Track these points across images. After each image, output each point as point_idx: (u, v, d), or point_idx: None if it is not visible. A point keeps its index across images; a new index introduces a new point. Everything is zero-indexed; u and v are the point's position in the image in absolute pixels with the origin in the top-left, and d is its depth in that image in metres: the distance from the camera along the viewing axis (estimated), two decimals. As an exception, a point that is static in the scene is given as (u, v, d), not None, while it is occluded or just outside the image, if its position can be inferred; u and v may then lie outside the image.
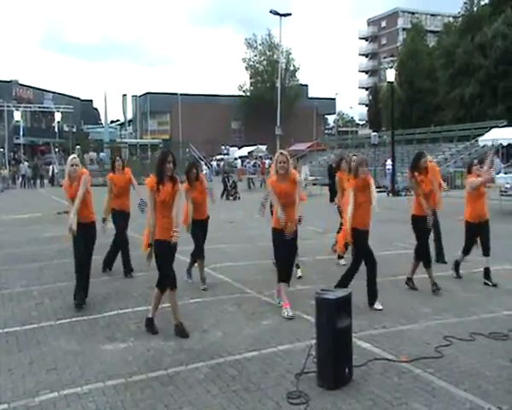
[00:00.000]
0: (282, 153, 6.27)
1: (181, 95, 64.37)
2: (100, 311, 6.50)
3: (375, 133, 33.56)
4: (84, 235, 6.54)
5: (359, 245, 6.56)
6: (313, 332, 5.51)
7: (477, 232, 7.79)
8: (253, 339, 5.40)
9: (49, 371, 4.71)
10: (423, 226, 7.16)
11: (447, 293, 7.26)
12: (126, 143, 54.15)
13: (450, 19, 56.77)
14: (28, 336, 5.70)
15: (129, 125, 69.24)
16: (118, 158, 8.58)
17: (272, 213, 6.75)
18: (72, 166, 6.62)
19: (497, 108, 40.57)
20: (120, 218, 8.39)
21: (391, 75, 23.73)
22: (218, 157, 52.34)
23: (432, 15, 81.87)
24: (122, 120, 66.38)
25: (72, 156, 6.86)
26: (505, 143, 19.21)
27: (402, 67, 50.12)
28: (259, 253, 10.02)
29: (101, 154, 48.05)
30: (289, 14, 35.29)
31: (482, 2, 46.68)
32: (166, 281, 5.62)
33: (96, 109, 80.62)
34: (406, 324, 5.86)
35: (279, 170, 6.14)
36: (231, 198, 24.55)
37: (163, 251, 5.55)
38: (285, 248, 6.21)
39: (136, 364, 4.83)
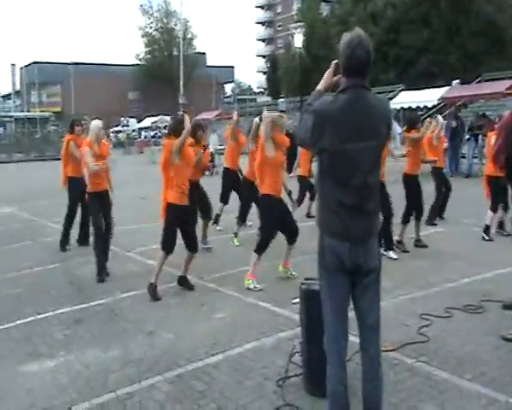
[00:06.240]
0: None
1: (73, 64, 60.09)
2: (11, 318, 5.24)
3: (282, 100, 33.31)
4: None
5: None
6: (278, 324, 4.88)
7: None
8: (211, 338, 4.55)
9: (-43, 411, 3.60)
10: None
11: (397, 262, 6.93)
12: (12, 116, 49.81)
13: (344, -13, 57.72)
14: None
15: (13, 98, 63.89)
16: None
17: None
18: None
19: (388, 74, 42.19)
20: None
21: (298, 40, 23.30)
22: (116, 129, 49.57)
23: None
24: (5, 92, 60.93)
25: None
26: (414, 106, 19.70)
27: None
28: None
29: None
30: (187, -22, 33.48)
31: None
32: None
33: (-27, 81, 73.35)
34: (374, 303, 5.34)
35: None
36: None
37: None
38: None
39: (74, 388, 3.81)
